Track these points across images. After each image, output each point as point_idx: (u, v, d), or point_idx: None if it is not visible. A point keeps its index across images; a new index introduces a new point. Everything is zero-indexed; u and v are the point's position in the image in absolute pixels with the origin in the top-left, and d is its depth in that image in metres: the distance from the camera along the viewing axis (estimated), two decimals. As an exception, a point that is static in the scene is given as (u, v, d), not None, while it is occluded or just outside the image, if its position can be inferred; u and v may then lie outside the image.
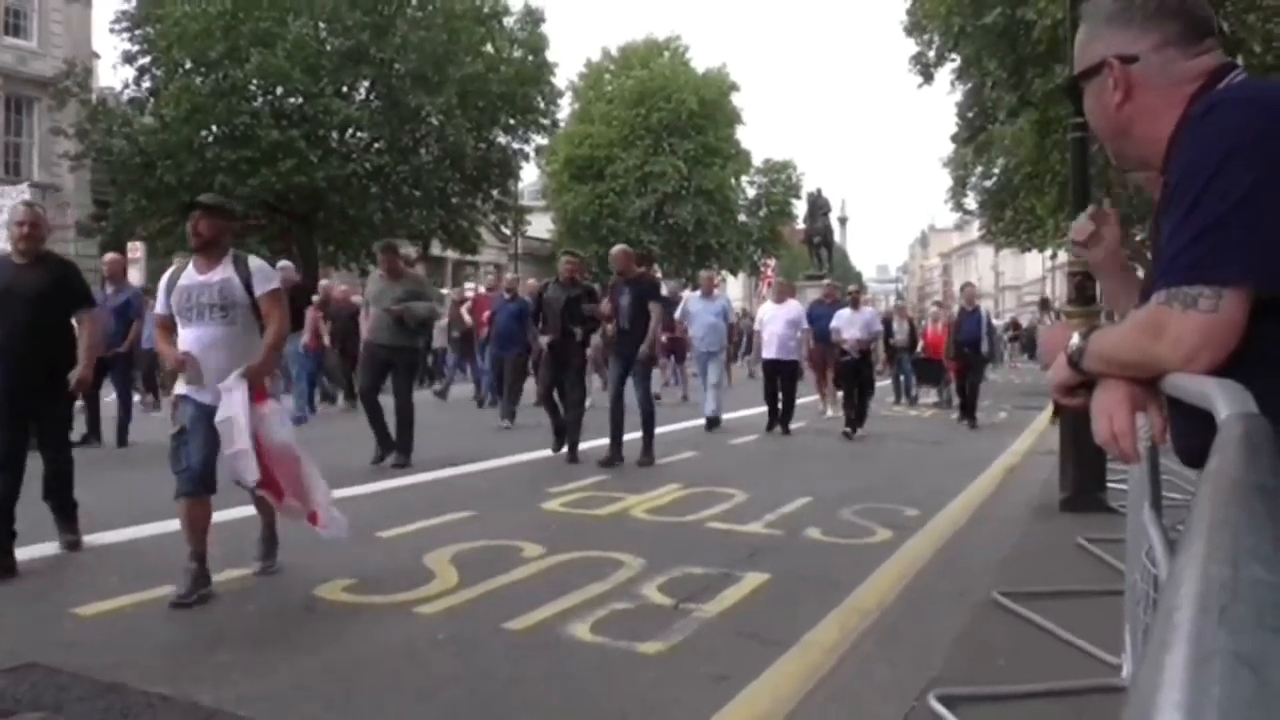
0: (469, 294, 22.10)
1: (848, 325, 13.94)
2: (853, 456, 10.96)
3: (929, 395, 20.05)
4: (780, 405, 13.90)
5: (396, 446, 9.87)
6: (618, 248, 11.05)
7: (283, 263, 14.90)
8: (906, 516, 7.65)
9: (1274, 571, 0.56)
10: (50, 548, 6.21)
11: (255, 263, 5.66)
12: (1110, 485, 7.48)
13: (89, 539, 6.37)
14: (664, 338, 15.23)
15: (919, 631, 4.85)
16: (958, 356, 15.62)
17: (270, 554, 5.80)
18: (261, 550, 5.79)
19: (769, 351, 14.16)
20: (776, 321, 14.26)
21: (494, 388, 15.62)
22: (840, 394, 14.88)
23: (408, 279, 10.53)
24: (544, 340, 10.91)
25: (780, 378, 13.97)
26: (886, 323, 18.35)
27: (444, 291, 22.19)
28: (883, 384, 17.81)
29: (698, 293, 15.44)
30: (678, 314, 15.30)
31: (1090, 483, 7.61)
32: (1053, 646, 4.40)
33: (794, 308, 14.64)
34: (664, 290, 20.44)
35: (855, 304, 14.61)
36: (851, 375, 13.83)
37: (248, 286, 5.49)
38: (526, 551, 6.27)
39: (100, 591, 5.20)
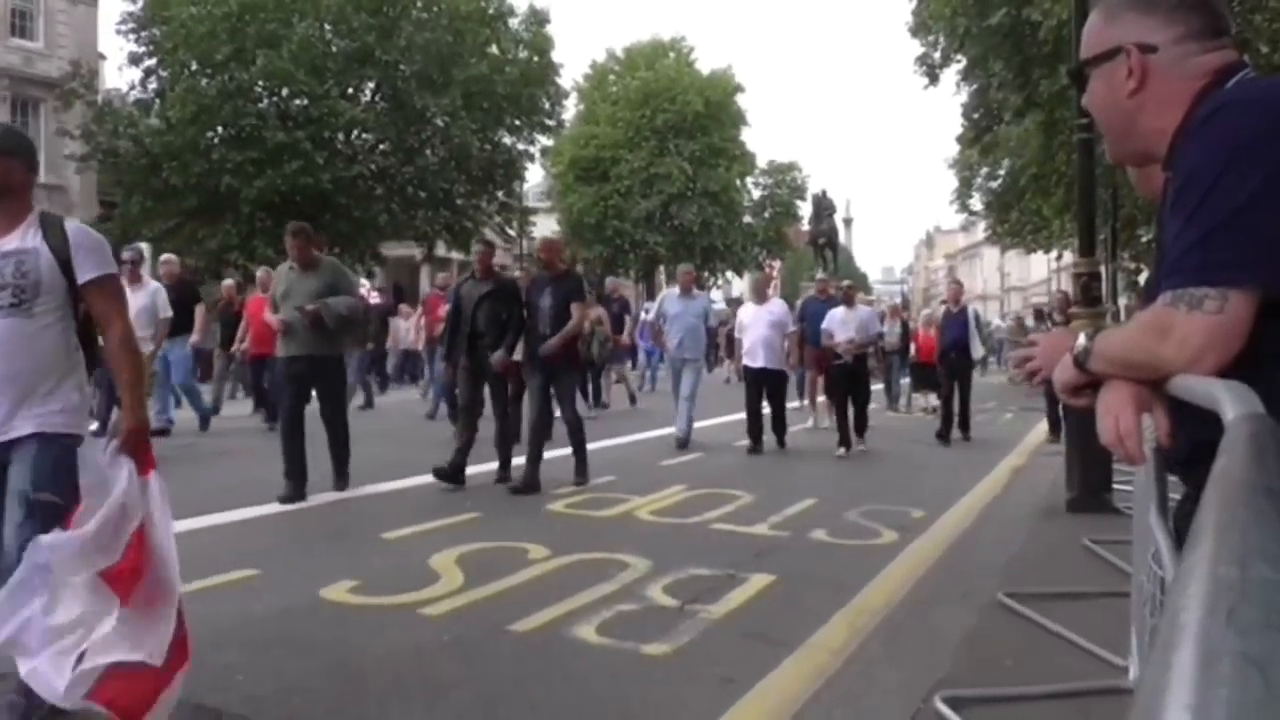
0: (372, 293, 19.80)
1: (840, 326, 12.16)
2: (858, 458, 10.94)
3: (929, 399, 18.65)
4: (771, 419, 12.16)
5: (334, 470, 8.47)
6: (545, 236, 9.96)
7: (165, 256, 14.25)
8: (912, 518, 7.64)
9: (1282, 573, 0.56)
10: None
11: (79, 233, 3.80)
12: (1116, 487, 7.48)
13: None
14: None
15: (925, 633, 4.84)
16: (943, 362, 13.89)
17: None
18: None
19: (753, 359, 12.22)
20: (759, 324, 12.31)
21: (447, 397, 13.68)
22: (832, 404, 13.03)
23: (324, 269, 8.50)
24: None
25: (766, 389, 12.11)
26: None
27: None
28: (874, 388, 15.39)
29: (675, 290, 13.19)
30: (652, 314, 13.85)
31: (1096, 484, 7.60)
32: (1059, 648, 4.39)
33: (777, 307, 12.72)
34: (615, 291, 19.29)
35: (849, 301, 12.75)
36: (844, 384, 12.05)
37: (64, 265, 3.64)
38: (532, 553, 6.27)
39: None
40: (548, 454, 9.14)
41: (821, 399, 14.58)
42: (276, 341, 8.82)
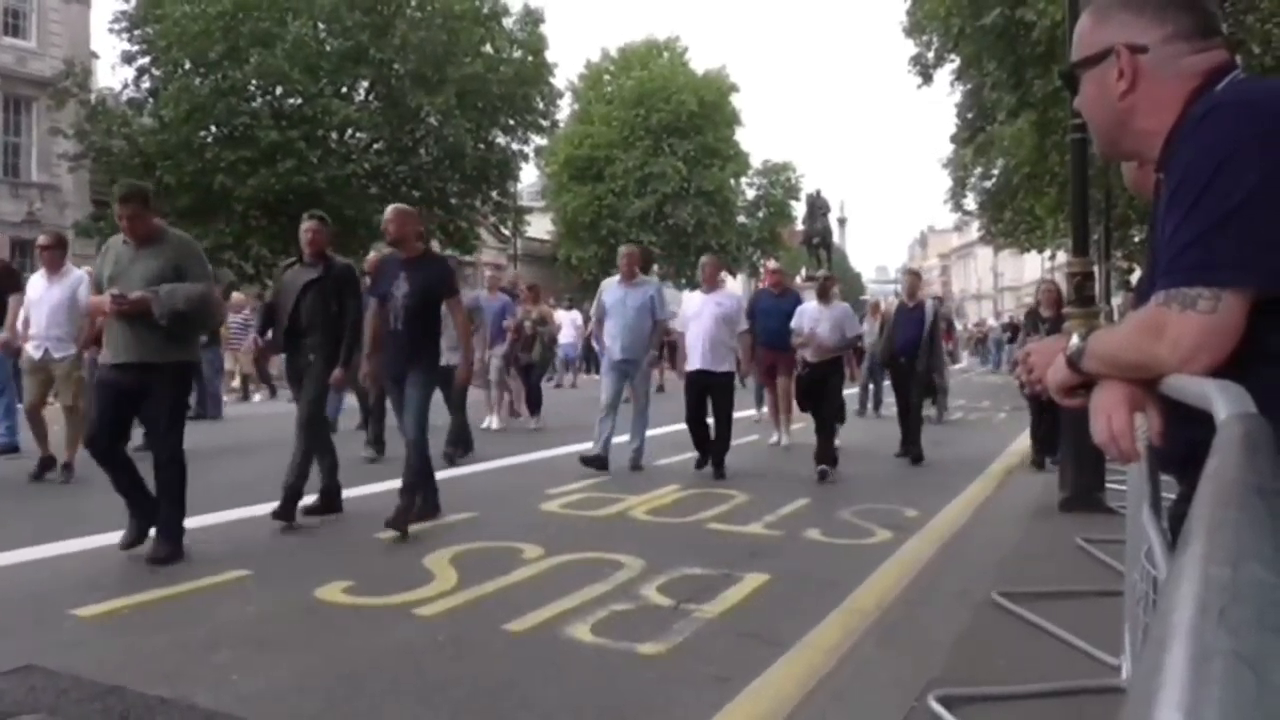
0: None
1: (814, 325, 10.31)
2: (852, 457, 10.94)
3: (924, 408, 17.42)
4: (714, 433, 10.03)
5: (159, 521, 6.09)
6: (396, 206, 7.79)
7: None
8: (906, 517, 7.65)
9: (1274, 571, 0.56)
10: (50, 549, 6.20)
11: None
12: (1109, 486, 7.49)
13: (86, 541, 6.36)
14: (489, 353, 12.81)
15: (919, 632, 4.84)
16: (891, 367, 11.88)
17: None
18: None
19: (695, 359, 10.00)
20: (704, 317, 10.06)
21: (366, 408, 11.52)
22: (798, 416, 11.56)
23: (169, 246, 6.26)
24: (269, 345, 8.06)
25: (711, 396, 10.00)
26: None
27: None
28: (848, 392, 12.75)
29: (615, 279, 10.52)
30: (593, 309, 11.20)
31: (1089, 483, 7.62)
32: (1052, 647, 4.40)
33: (729, 299, 10.50)
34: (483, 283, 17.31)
35: (824, 295, 10.82)
36: (816, 393, 10.17)
37: None
38: (526, 552, 6.27)
39: (100, 593, 5.19)
40: (526, 457, 9.00)
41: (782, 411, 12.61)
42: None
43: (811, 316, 10.40)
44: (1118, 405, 1.60)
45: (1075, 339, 1.72)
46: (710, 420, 10.07)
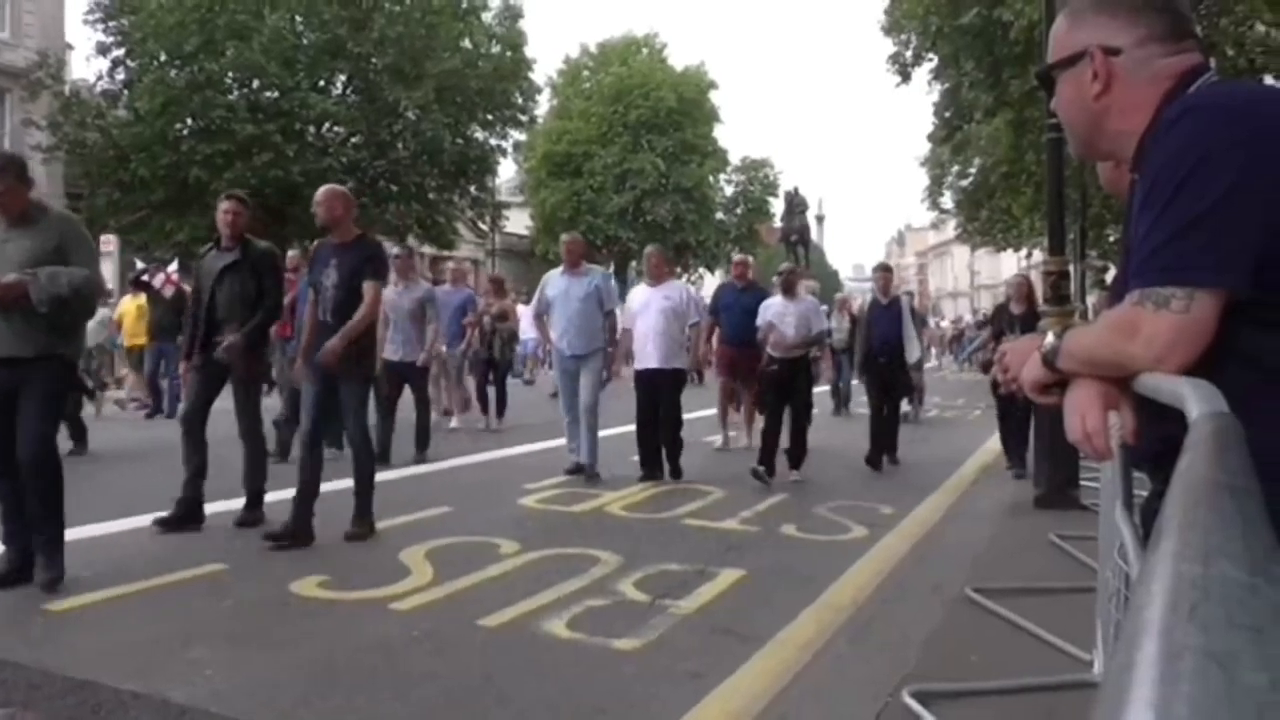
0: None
1: (780, 320, 9.67)
2: (828, 454, 10.97)
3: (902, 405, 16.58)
4: (663, 437, 9.32)
5: (39, 540, 5.35)
6: (327, 186, 7.16)
7: None
8: (882, 514, 7.68)
9: (1244, 569, 0.57)
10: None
11: None
12: (1083, 483, 7.55)
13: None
14: (445, 350, 12.27)
15: (893, 628, 4.87)
16: (867, 368, 11.05)
17: None
18: None
19: (643, 358, 9.39)
20: (651, 312, 9.41)
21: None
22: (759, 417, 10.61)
23: (49, 224, 5.46)
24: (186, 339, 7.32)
25: (660, 396, 9.32)
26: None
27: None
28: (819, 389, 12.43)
29: (558, 270, 9.75)
30: (534, 303, 10.38)
31: (1063, 480, 7.68)
32: (1026, 643, 4.43)
33: (676, 292, 9.84)
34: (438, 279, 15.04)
35: (790, 289, 10.03)
36: (780, 392, 9.46)
37: None
38: (503, 548, 6.27)
39: (72, 587, 5.16)
40: (503, 452, 8.87)
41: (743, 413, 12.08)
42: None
43: (776, 312, 9.72)
44: (1092, 403, 1.61)
45: (1050, 337, 1.73)
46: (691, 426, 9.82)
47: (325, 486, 8.11)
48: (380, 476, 8.77)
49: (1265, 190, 1.46)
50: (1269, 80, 14.31)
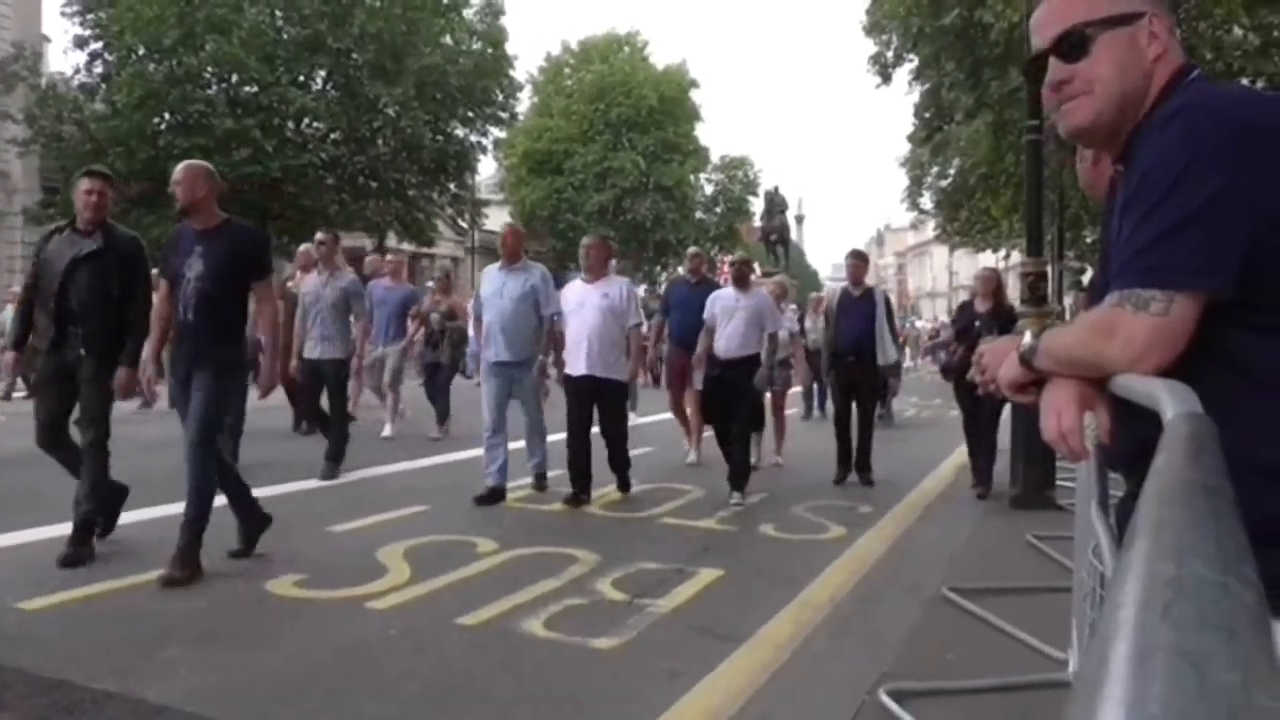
0: None
1: (726, 317, 8.58)
2: (806, 454, 10.97)
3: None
4: (607, 452, 8.25)
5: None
6: (183, 164, 5.98)
7: None
8: (859, 513, 7.71)
9: (1216, 569, 0.57)
10: (-5, 540, 6.10)
11: None
12: (1059, 483, 7.59)
13: (32, 533, 6.27)
14: (383, 350, 11.55)
15: (871, 627, 4.89)
16: (837, 370, 9.72)
17: None
18: None
19: (578, 361, 8.11)
20: (588, 311, 8.17)
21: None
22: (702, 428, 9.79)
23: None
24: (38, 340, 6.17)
25: (599, 407, 8.16)
26: (800, 320, 13.05)
27: None
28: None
29: (496, 265, 8.52)
30: (470, 303, 9.38)
31: (1039, 481, 7.72)
32: (1002, 642, 4.46)
33: (616, 289, 8.40)
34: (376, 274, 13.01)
35: (742, 281, 8.98)
36: (722, 400, 8.50)
37: None
38: (480, 547, 6.26)
39: (45, 585, 5.12)
40: (477, 451, 8.34)
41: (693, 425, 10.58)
42: None
43: (725, 306, 8.64)
44: (1068, 403, 1.62)
45: (1028, 337, 1.74)
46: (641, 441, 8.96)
47: (315, 483, 8.13)
48: (355, 476, 8.80)
49: (1253, 193, 1.46)
50: (1245, 83, 14.40)
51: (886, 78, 22.05)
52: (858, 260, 10.10)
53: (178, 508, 5.73)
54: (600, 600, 5.19)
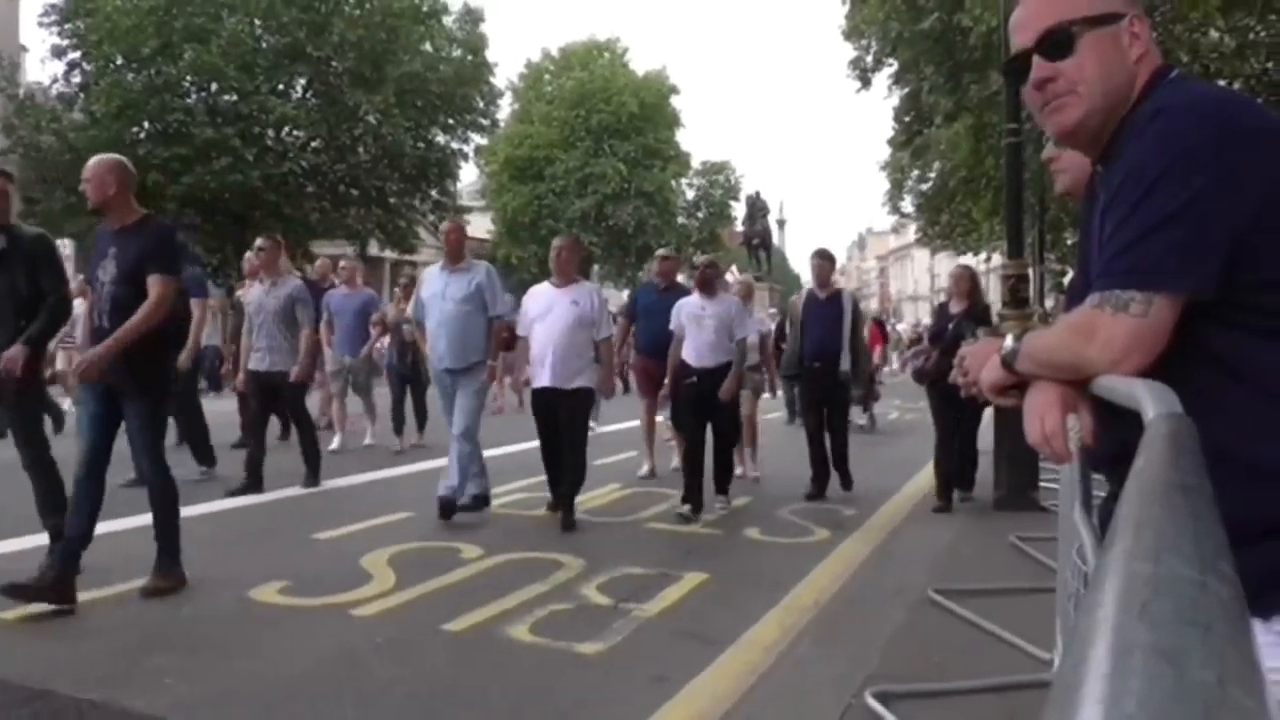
0: None
1: (695, 325, 8.00)
2: (793, 457, 10.98)
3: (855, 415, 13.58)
4: (564, 455, 7.57)
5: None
6: (94, 160, 5.69)
7: None
8: (844, 515, 7.72)
9: (1194, 568, 0.58)
10: (-24, 552, 6.05)
11: None
12: (1043, 485, 7.62)
13: (10, 544, 6.22)
14: (343, 359, 11.10)
15: (856, 629, 4.90)
16: (807, 380, 9.07)
17: None
18: None
19: (541, 373, 7.50)
20: (555, 318, 7.53)
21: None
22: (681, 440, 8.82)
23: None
24: None
25: (561, 419, 7.54)
26: (779, 326, 12.08)
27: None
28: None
29: (438, 265, 7.94)
30: (410, 306, 8.78)
31: (1023, 482, 7.74)
32: (987, 643, 4.47)
33: (587, 296, 7.71)
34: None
35: (706, 286, 8.16)
36: (699, 411, 7.96)
37: None
38: (465, 553, 6.25)
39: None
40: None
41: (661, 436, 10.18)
42: None
43: (691, 313, 8.04)
44: (1050, 406, 1.62)
45: (1010, 340, 1.74)
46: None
47: (300, 490, 8.08)
48: (340, 483, 8.76)
49: (1233, 193, 1.47)
50: (1222, 84, 14.51)
51: (866, 82, 22.11)
52: (823, 260, 9.26)
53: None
54: (585, 605, 5.19)
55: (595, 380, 7.72)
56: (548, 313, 7.55)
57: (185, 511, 6.51)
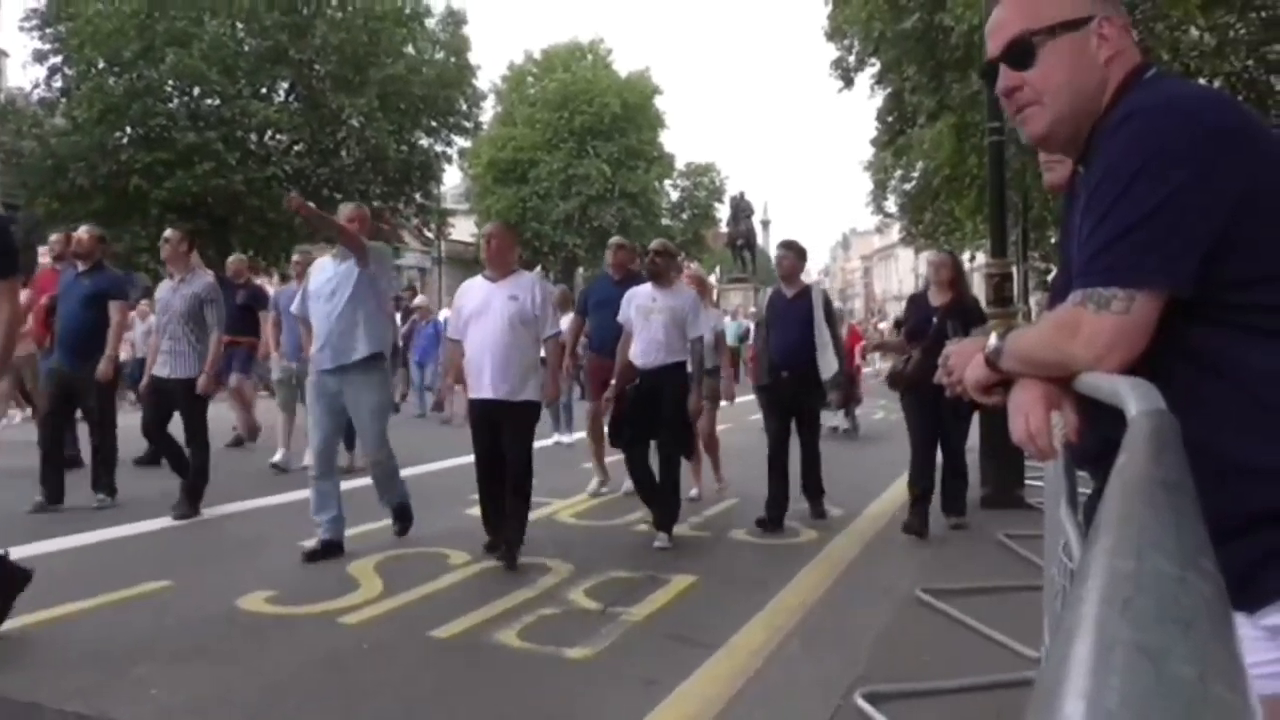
0: None
1: (642, 318, 7.04)
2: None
3: (833, 418, 13.83)
4: (507, 487, 6.34)
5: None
6: None
7: None
8: (830, 517, 7.72)
9: (1176, 564, 0.58)
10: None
11: None
12: (1029, 483, 7.65)
13: None
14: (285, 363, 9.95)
15: (844, 630, 4.90)
16: (767, 389, 7.78)
17: None
18: None
19: (478, 384, 6.36)
20: (491, 317, 6.38)
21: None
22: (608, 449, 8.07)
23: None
24: None
25: (503, 436, 6.35)
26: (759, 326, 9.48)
27: None
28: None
29: (329, 255, 6.87)
30: (295, 303, 7.20)
31: (1010, 481, 7.78)
32: (975, 642, 4.48)
33: (526, 289, 6.48)
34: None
35: (659, 276, 7.16)
36: (639, 419, 6.90)
37: None
38: (452, 558, 6.23)
39: (13, 607, 5.05)
40: (449, 463, 8.18)
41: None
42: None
43: (640, 305, 7.05)
44: (1035, 404, 1.63)
45: (994, 338, 1.75)
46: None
47: (284, 497, 8.05)
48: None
49: (1211, 190, 1.48)
50: (1202, 83, 14.58)
51: (849, 82, 22.16)
52: (788, 251, 7.96)
53: (144, 526, 5.68)
54: (573, 610, 5.18)
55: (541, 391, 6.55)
56: (483, 312, 6.41)
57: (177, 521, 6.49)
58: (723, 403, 9.25)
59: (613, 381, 7.37)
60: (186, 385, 7.69)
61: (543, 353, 6.67)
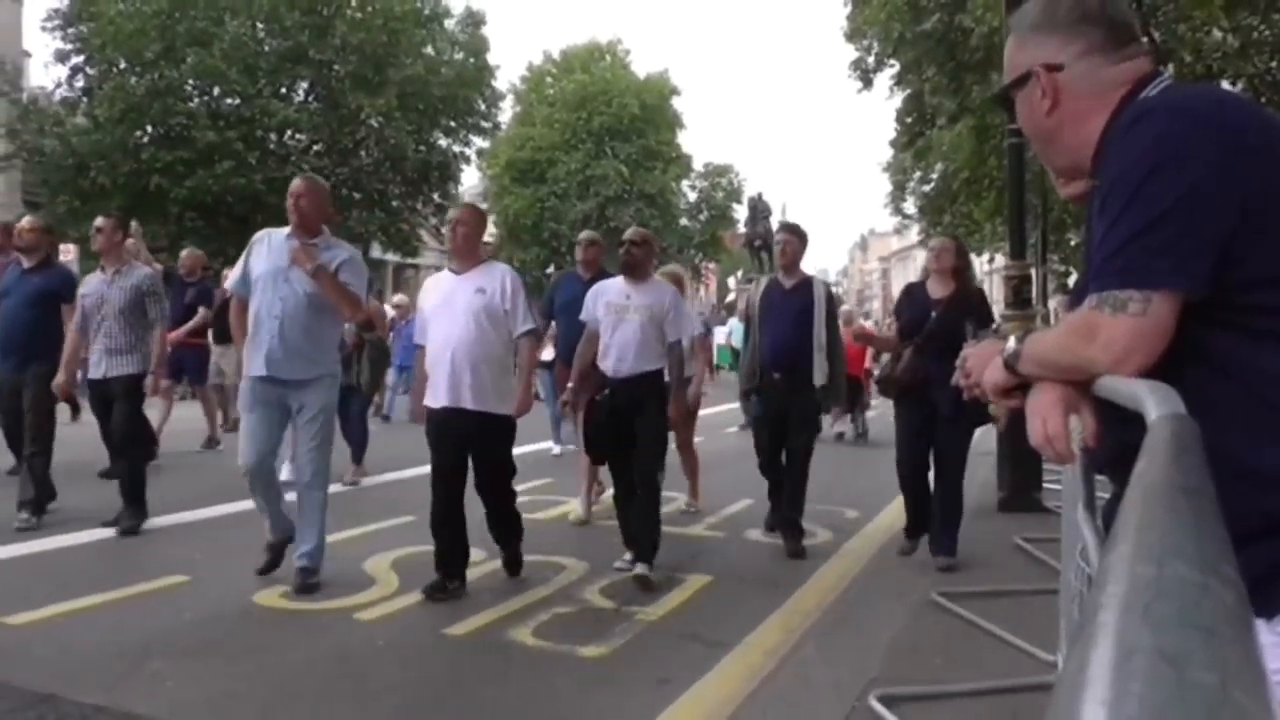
0: None
1: (616, 317, 6.10)
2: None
3: (840, 423, 13.83)
4: (485, 507, 5.86)
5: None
6: None
7: None
8: (847, 518, 7.72)
9: (1197, 570, 0.58)
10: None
11: None
12: (1046, 486, 7.62)
13: (16, 548, 6.22)
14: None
15: (859, 632, 4.89)
16: (757, 393, 6.88)
17: None
18: None
19: (437, 391, 5.54)
20: (454, 313, 5.57)
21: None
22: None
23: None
24: None
25: (473, 455, 5.63)
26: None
27: None
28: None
29: (276, 233, 5.92)
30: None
31: (1027, 484, 7.74)
32: (991, 645, 4.46)
33: (496, 280, 5.64)
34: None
35: (635, 270, 6.22)
36: (617, 431, 6.01)
37: None
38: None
39: (31, 601, 5.08)
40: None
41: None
42: None
43: (613, 302, 6.14)
44: (1053, 407, 1.62)
45: (1012, 341, 1.74)
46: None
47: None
48: (344, 487, 8.73)
49: (1223, 191, 1.47)
50: (1225, 85, 14.50)
51: (868, 83, 22.10)
52: (790, 235, 7.03)
53: (160, 521, 5.71)
54: (588, 608, 5.19)
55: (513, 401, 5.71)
56: (446, 307, 5.60)
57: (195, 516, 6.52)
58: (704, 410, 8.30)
59: (570, 385, 6.47)
60: (126, 383, 7.02)
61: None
